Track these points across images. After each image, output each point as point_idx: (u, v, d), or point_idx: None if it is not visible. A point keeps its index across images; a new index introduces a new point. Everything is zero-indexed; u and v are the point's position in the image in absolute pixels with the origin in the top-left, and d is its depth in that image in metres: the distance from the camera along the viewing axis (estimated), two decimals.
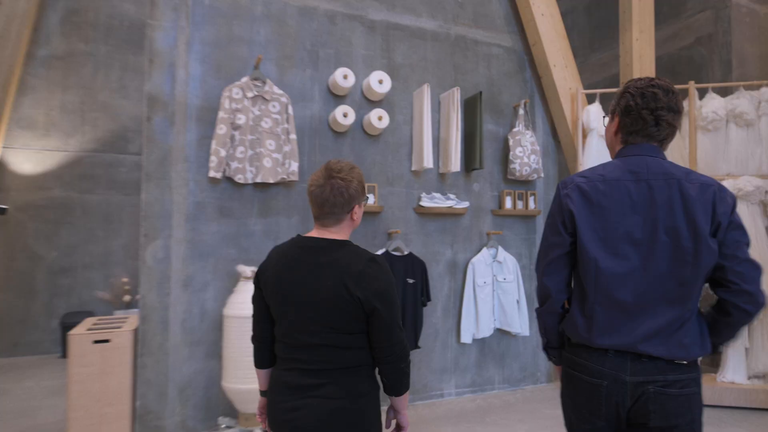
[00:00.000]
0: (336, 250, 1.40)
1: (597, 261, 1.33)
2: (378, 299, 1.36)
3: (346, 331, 1.38)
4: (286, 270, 1.43)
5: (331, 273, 1.37)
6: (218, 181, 3.15)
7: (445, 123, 3.81)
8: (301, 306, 1.39)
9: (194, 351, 3.03)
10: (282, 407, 1.40)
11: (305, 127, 3.44)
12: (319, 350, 1.38)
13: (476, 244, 4.02)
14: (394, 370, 1.41)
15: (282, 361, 1.46)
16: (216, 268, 3.10)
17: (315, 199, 1.43)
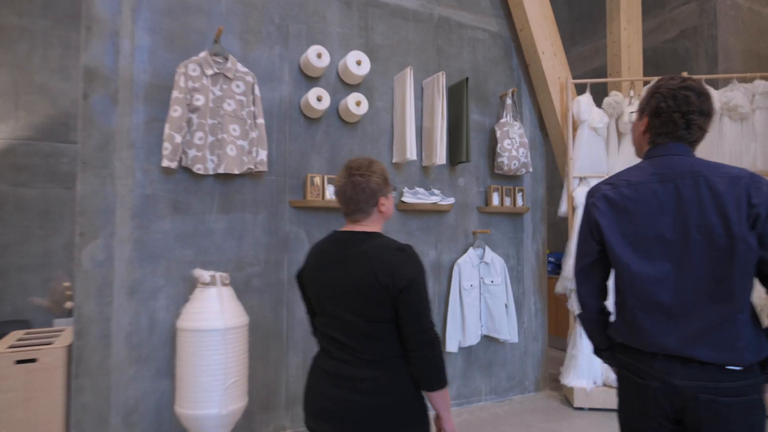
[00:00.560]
0: (366, 242, 1.47)
1: (629, 266, 1.34)
2: (405, 286, 1.39)
3: (379, 320, 1.42)
4: (321, 264, 1.52)
5: (362, 263, 1.43)
6: (173, 172, 2.73)
7: (429, 111, 3.50)
8: (336, 297, 1.46)
9: (142, 370, 2.60)
10: (321, 395, 1.45)
11: (273, 111, 3.06)
12: (357, 341, 1.43)
13: (462, 244, 3.73)
14: (422, 359, 1.40)
15: (322, 350, 1.53)
16: (168, 272, 2.69)
17: (340, 198, 1.51)
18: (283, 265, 3.02)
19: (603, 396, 3.53)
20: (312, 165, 3.16)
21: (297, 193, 3.10)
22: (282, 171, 3.06)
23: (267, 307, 2.96)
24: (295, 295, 3.04)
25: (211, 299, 2.40)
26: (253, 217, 2.95)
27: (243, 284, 2.88)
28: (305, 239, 3.10)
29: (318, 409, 1.45)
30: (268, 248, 2.98)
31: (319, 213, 3.15)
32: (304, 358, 3.06)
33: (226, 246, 2.85)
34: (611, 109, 3.79)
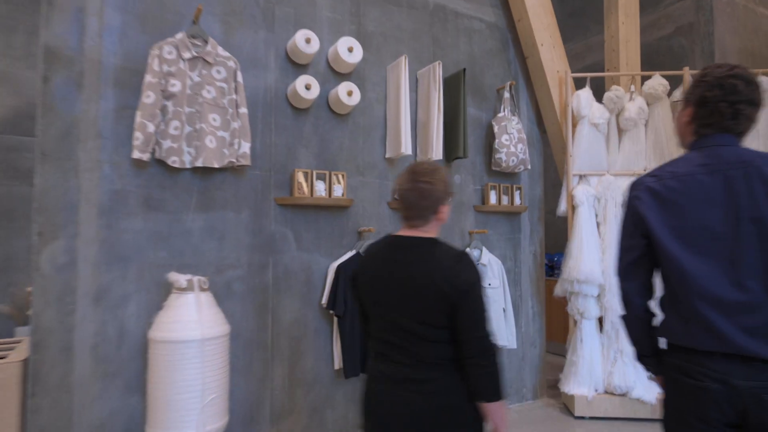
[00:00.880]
0: (425, 247, 1.47)
1: (680, 260, 1.28)
2: (463, 293, 1.39)
3: (436, 325, 1.42)
4: (377, 268, 1.51)
5: (421, 269, 1.43)
6: (145, 165, 2.47)
7: (424, 103, 3.30)
8: (394, 302, 1.46)
9: (109, 386, 2.33)
10: (383, 399, 1.46)
11: (258, 100, 2.82)
12: (414, 345, 1.43)
13: (457, 245, 3.53)
14: (477, 367, 1.40)
15: (376, 354, 1.53)
16: (140, 276, 2.42)
17: (402, 202, 1.49)
18: (267, 268, 2.78)
19: (605, 404, 3.37)
20: (300, 159, 2.92)
21: (283, 190, 2.86)
22: (267, 165, 2.81)
23: (250, 313, 2.71)
24: (280, 300, 2.81)
25: (187, 306, 2.15)
26: (234, 216, 2.70)
27: (223, 289, 2.63)
28: (292, 240, 2.86)
29: (381, 414, 1.47)
30: (251, 250, 2.73)
31: (308, 212, 2.92)
32: (290, 368, 2.82)
33: (204, 247, 2.59)
34: (612, 104, 3.64)
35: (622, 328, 1.50)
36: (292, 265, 2.86)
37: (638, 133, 3.63)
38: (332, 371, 2.95)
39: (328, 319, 2.95)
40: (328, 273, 2.91)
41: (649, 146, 3.63)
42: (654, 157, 3.60)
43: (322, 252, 2.96)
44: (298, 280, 2.87)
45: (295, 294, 2.86)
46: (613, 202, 3.53)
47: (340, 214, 3.03)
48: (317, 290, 2.93)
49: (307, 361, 2.88)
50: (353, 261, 2.88)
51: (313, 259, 2.92)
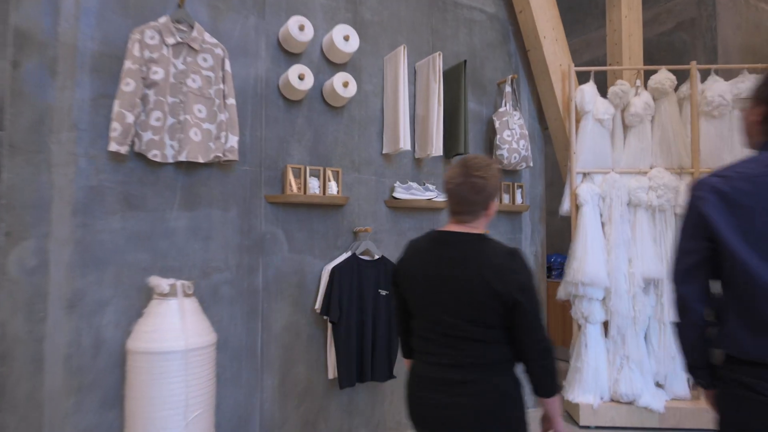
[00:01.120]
0: (475, 244, 1.44)
1: (749, 266, 1.21)
2: (519, 293, 1.38)
3: (487, 325, 1.40)
4: (424, 265, 1.49)
5: (471, 267, 1.40)
6: (124, 158, 2.30)
7: (423, 96, 3.16)
8: (441, 300, 1.44)
9: (83, 400, 2.16)
10: (426, 402, 1.45)
11: (247, 91, 2.65)
12: (460, 344, 1.42)
13: None
14: (538, 367, 1.41)
15: (421, 354, 1.52)
16: (118, 280, 2.25)
17: (453, 196, 1.47)
18: (257, 271, 2.62)
19: (611, 412, 3.26)
20: (292, 154, 2.76)
21: (274, 187, 2.70)
22: (257, 161, 2.65)
23: (239, 320, 2.55)
24: (271, 305, 2.65)
25: (170, 314, 1.98)
26: (222, 215, 2.53)
27: (210, 294, 2.47)
28: (284, 240, 2.70)
29: (425, 415, 1.46)
30: (239, 251, 2.57)
31: (300, 210, 2.76)
32: (281, 378, 2.66)
33: (189, 248, 2.43)
34: (617, 99, 3.53)
35: (674, 336, 1.50)
36: (284, 267, 2.70)
37: (644, 129, 3.53)
38: (326, 381, 2.80)
39: (322, 325, 2.79)
40: (322, 276, 2.76)
41: (655, 143, 3.53)
42: (661, 154, 3.51)
43: (316, 253, 2.80)
44: (290, 284, 2.72)
45: (286, 299, 2.70)
46: (618, 201, 3.42)
47: (334, 213, 2.88)
48: (310, 294, 2.78)
49: (299, 371, 2.73)
50: (349, 263, 2.73)
51: (305, 261, 2.77)
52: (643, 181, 3.42)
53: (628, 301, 3.30)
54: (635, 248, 3.35)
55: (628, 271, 3.34)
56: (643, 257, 3.32)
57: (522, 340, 1.40)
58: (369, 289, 2.76)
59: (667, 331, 3.31)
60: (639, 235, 3.37)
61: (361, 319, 2.73)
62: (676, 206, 3.37)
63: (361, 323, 2.73)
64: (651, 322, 3.37)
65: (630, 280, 3.32)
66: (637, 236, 3.38)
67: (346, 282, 2.69)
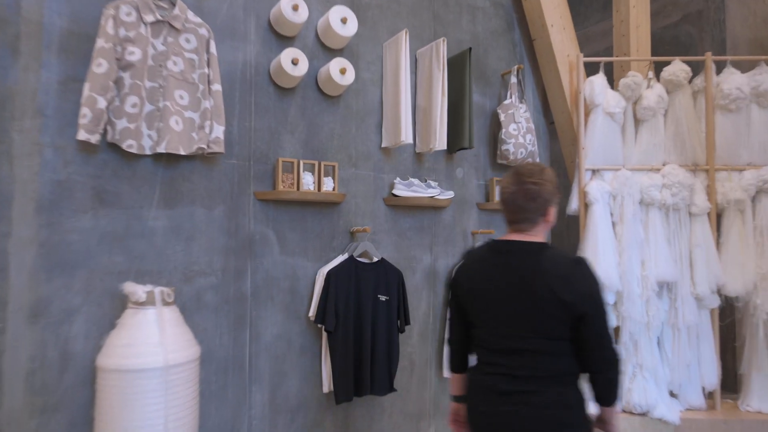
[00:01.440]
0: (538, 253, 1.45)
1: None
2: (587, 303, 1.37)
3: (553, 336, 1.39)
4: (485, 275, 1.50)
5: (535, 277, 1.40)
6: (95, 149, 2.08)
7: (425, 87, 2.98)
8: (505, 311, 1.44)
9: (48, 422, 1.94)
10: (490, 413, 1.45)
11: (235, 76, 2.45)
12: (526, 356, 1.40)
13: (460, 247, 3.22)
14: (605, 380, 1.41)
15: (484, 365, 1.51)
16: (89, 286, 2.03)
17: (508, 205, 1.50)
18: (245, 275, 2.41)
19: (623, 424, 3.11)
20: (284, 147, 2.56)
21: (264, 183, 2.50)
22: (245, 153, 2.45)
23: (224, 329, 2.34)
24: (260, 313, 2.44)
25: (147, 325, 1.78)
26: (206, 213, 2.32)
27: (193, 301, 2.26)
28: (274, 241, 2.50)
29: (488, 427, 1.46)
30: (226, 253, 2.36)
31: (293, 208, 2.56)
32: (271, 393, 2.46)
33: (169, 251, 2.21)
34: (629, 91, 3.38)
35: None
36: (275, 271, 2.50)
37: (657, 123, 3.39)
38: (320, 395, 2.60)
39: (316, 334, 2.60)
40: (317, 280, 2.57)
41: (668, 138, 3.39)
42: (674, 150, 3.37)
43: (310, 255, 2.61)
44: (281, 289, 2.52)
45: (277, 305, 2.50)
46: (630, 200, 3.27)
47: (330, 211, 2.69)
48: (303, 301, 2.58)
49: (291, 384, 2.53)
50: (346, 267, 2.54)
51: (298, 263, 2.57)
52: (656, 179, 3.28)
53: (641, 305, 3.16)
54: (648, 249, 3.21)
55: (641, 273, 3.19)
56: (657, 259, 3.17)
57: (589, 352, 1.38)
58: (367, 294, 2.58)
59: (681, 337, 3.17)
60: (652, 235, 3.23)
61: (359, 327, 2.54)
62: (690, 205, 3.24)
63: (359, 332, 2.54)
64: (664, 327, 3.24)
65: (643, 284, 3.18)
66: (650, 237, 3.23)
67: (342, 287, 2.50)
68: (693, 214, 3.25)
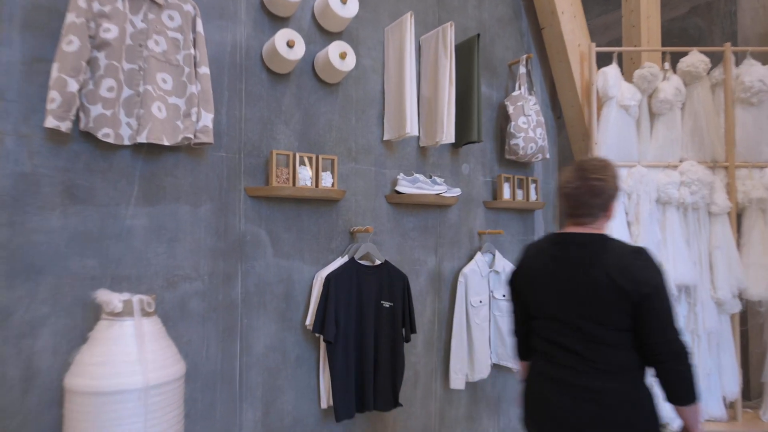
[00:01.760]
0: (599, 244, 1.47)
1: None
2: (649, 291, 1.37)
3: (614, 327, 1.40)
4: (546, 267, 1.54)
5: (597, 267, 1.42)
6: (65, 139, 1.86)
7: (430, 75, 2.79)
8: (566, 302, 1.47)
9: None
10: (549, 403, 1.47)
11: (223, 60, 2.24)
12: (587, 347, 1.42)
13: (466, 248, 3.05)
14: (671, 372, 1.37)
15: (543, 355, 1.54)
16: (57, 294, 1.81)
17: (571, 200, 1.52)
18: (235, 279, 2.21)
19: None
20: (277, 139, 2.36)
21: (256, 178, 2.29)
22: (235, 145, 2.24)
23: (212, 340, 2.14)
24: (252, 321, 2.24)
25: (123, 339, 1.56)
26: (191, 211, 2.11)
27: (176, 309, 2.05)
28: (267, 242, 2.30)
29: (546, 419, 1.47)
30: (213, 255, 2.15)
31: (288, 206, 2.36)
32: (264, 410, 2.26)
33: (150, 253, 2.00)
34: (645, 83, 3.23)
35: None
36: (268, 275, 2.30)
37: (674, 117, 3.24)
38: (318, 411, 2.40)
39: (314, 343, 2.40)
40: (314, 285, 2.37)
41: (686, 133, 3.24)
42: (692, 145, 3.22)
43: (306, 258, 2.41)
44: (275, 295, 2.32)
45: (270, 313, 2.30)
46: (647, 198, 3.12)
47: (328, 209, 2.49)
48: (299, 307, 2.38)
49: (286, 400, 2.33)
50: (346, 270, 2.34)
51: (294, 267, 2.37)
52: (674, 176, 3.13)
53: None
54: (666, 251, 3.06)
55: None
56: (675, 261, 3.02)
57: (653, 342, 1.36)
58: (370, 300, 2.38)
59: (701, 344, 3.02)
60: (670, 236, 3.08)
61: (361, 336, 2.35)
62: (710, 204, 3.09)
63: (360, 342, 2.35)
64: None
65: None
66: (667, 238, 3.08)
67: (343, 292, 2.31)
68: (713, 213, 3.11)
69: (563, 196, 1.53)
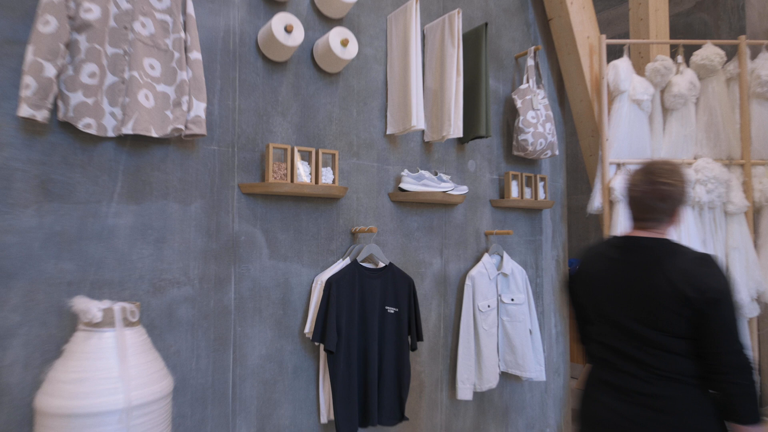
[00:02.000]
0: (662, 249, 1.44)
1: None
2: (713, 299, 1.33)
3: (675, 334, 1.37)
4: (606, 270, 1.53)
5: (659, 272, 1.39)
6: (42, 129, 1.69)
7: (436, 65, 2.65)
8: (625, 307, 1.45)
9: None
10: (607, 409, 1.45)
11: (216, 46, 2.08)
12: (649, 355, 1.39)
13: (472, 250, 2.90)
14: (732, 385, 1.32)
15: (601, 361, 1.53)
16: (29, 301, 1.64)
17: (637, 204, 1.51)
18: (228, 284, 2.04)
19: None
20: (274, 132, 2.20)
21: (251, 173, 2.13)
22: (228, 138, 2.08)
23: (203, 351, 1.97)
24: (246, 330, 2.08)
25: (102, 353, 1.39)
26: (181, 209, 1.95)
27: (163, 317, 1.88)
28: (263, 244, 2.14)
29: (604, 425, 1.45)
30: (204, 258, 1.99)
31: (285, 204, 2.21)
32: (259, 425, 2.10)
33: (134, 255, 1.83)
34: (658, 77, 3.11)
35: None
36: (263, 278, 2.14)
37: (687, 112, 3.12)
38: (317, 427, 2.25)
39: (313, 353, 2.24)
40: (313, 289, 2.21)
41: (700, 129, 3.12)
42: (707, 142, 3.10)
43: (305, 260, 2.25)
44: (272, 301, 2.16)
45: (266, 320, 2.14)
46: None
47: (328, 207, 2.33)
48: (297, 314, 2.22)
49: (283, 415, 2.17)
50: (348, 274, 2.19)
51: (292, 270, 2.21)
52: (689, 174, 3.01)
53: None
54: None
55: None
56: None
57: (714, 352, 1.32)
58: (374, 306, 2.23)
59: None
60: (685, 236, 2.95)
61: (364, 345, 2.20)
62: (727, 203, 2.97)
63: (363, 351, 2.19)
64: None
65: None
66: (682, 238, 2.96)
67: (345, 297, 2.15)
68: (729, 213, 2.99)
69: (629, 199, 1.52)
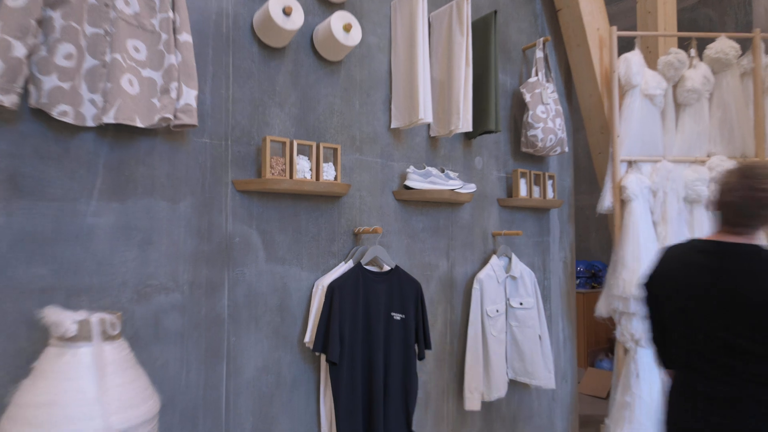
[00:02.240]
0: (753, 255, 1.40)
1: None
2: None
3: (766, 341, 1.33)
4: (689, 275, 1.48)
5: (754, 280, 1.36)
6: (10, 116, 1.50)
7: (443, 55, 2.49)
8: (714, 314, 1.41)
9: None
10: (700, 419, 1.41)
11: (207, 30, 1.90)
12: (741, 362, 1.36)
13: (479, 251, 2.75)
14: None
15: (688, 368, 1.48)
16: None
17: (731, 209, 1.44)
18: (221, 290, 1.86)
19: None
20: (271, 124, 2.03)
21: (246, 169, 1.96)
22: (221, 130, 1.90)
23: (193, 364, 1.79)
24: (241, 339, 1.90)
25: (77, 371, 1.21)
26: (168, 208, 1.77)
27: (149, 327, 1.70)
28: (259, 246, 1.96)
29: (688, 428, 1.43)
30: (195, 261, 1.81)
31: (283, 202, 2.03)
32: None
33: (116, 259, 1.65)
34: (672, 71, 2.98)
35: None
36: (259, 284, 1.96)
37: (701, 108, 2.99)
38: None
39: (313, 363, 2.07)
40: (314, 295, 2.04)
41: (714, 125, 3.00)
42: (721, 139, 2.98)
43: (305, 263, 2.08)
44: (269, 308, 1.98)
45: (263, 329, 1.96)
46: (674, 196, 2.87)
47: (329, 206, 2.16)
48: (296, 322, 2.05)
49: (281, 430, 1.99)
50: (351, 278, 2.02)
51: (290, 274, 2.04)
52: (703, 172, 2.89)
53: None
54: None
55: None
56: None
57: None
58: (379, 312, 2.07)
59: None
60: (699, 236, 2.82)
61: (369, 354, 2.03)
62: None
63: (368, 361, 2.03)
64: None
65: None
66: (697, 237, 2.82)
67: (348, 304, 1.98)
68: None
69: (723, 203, 1.45)
